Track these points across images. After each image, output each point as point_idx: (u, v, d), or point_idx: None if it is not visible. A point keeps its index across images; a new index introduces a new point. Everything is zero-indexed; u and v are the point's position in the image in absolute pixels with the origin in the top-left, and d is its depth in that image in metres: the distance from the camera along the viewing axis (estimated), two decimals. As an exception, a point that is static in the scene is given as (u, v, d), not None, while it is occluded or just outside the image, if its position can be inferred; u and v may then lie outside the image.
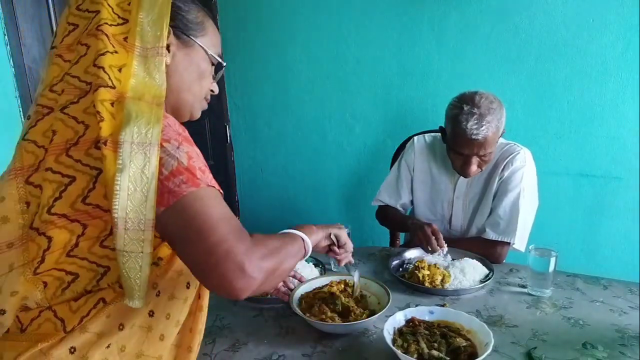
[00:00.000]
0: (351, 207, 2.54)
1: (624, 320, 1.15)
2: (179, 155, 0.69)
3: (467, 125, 1.39)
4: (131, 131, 0.66)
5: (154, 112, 0.70)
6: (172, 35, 0.80)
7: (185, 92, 0.84)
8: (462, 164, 1.49)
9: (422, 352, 0.97)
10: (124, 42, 0.74)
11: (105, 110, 0.68)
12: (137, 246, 0.66)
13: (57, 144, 0.69)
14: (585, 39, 1.85)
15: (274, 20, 2.43)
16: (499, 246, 1.50)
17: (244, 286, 0.67)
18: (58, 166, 0.69)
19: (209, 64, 0.87)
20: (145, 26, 0.74)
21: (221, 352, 1.06)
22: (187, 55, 0.83)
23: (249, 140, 2.73)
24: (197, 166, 0.70)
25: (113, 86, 0.70)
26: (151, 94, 0.73)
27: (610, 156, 1.92)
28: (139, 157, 0.66)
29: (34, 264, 0.69)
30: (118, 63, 0.72)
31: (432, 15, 2.07)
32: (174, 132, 0.72)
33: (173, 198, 0.67)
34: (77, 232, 0.68)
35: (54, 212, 0.68)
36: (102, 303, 0.72)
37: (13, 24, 1.61)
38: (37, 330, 0.71)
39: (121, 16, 0.75)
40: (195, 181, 0.68)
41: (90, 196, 0.68)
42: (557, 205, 2.02)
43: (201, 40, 0.84)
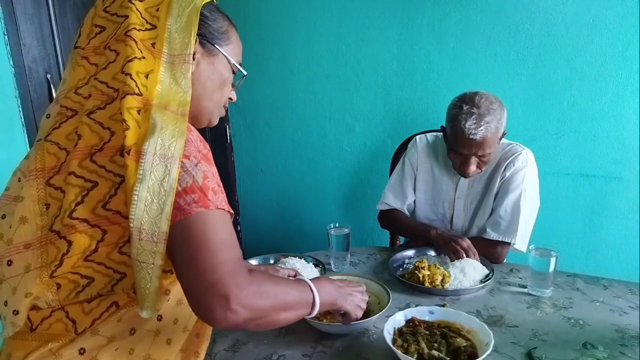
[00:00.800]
0: (351, 207, 2.54)
1: (624, 320, 1.15)
2: (195, 173, 0.70)
3: (466, 124, 1.39)
4: (155, 142, 0.67)
5: (178, 125, 0.71)
6: (198, 44, 0.80)
7: (207, 100, 0.85)
8: (461, 163, 1.50)
9: (422, 352, 0.97)
10: (151, 48, 0.75)
11: (131, 119, 0.68)
12: (149, 257, 0.66)
13: (82, 148, 0.70)
14: (585, 39, 1.84)
15: (274, 20, 2.43)
16: (500, 246, 1.50)
17: (222, 318, 0.66)
18: (82, 171, 0.69)
19: (231, 73, 0.88)
20: (173, 33, 0.76)
21: (221, 352, 1.06)
22: (211, 64, 0.83)
23: (249, 140, 2.73)
24: (210, 186, 0.71)
25: (140, 93, 0.71)
26: (176, 101, 0.74)
27: (610, 156, 1.92)
28: (159, 169, 0.66)
29: (52, 267, 0.69)
30: (145, 69, 0.73)
31: (432, 15, 2.07)
32: (195, 149, 0.72)
33: (181, 215, 0.67)
34: (97, 238, 0.69)
35: (76, 217, 0.68)
36: (114, 307, 0.72)
37: (13, 24, 1.61)
38: (48, 330, 0.71)
39: (149, 21, 0.76)
40: (206, 202, 0.69)
41: (111, 202, 0.68)
42: (557, 205, 2.02)
43: (225, 49, 0.85)
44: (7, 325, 0.72)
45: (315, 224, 2.58)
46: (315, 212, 2.63)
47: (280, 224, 2.76)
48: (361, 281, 1.25)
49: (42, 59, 1.73)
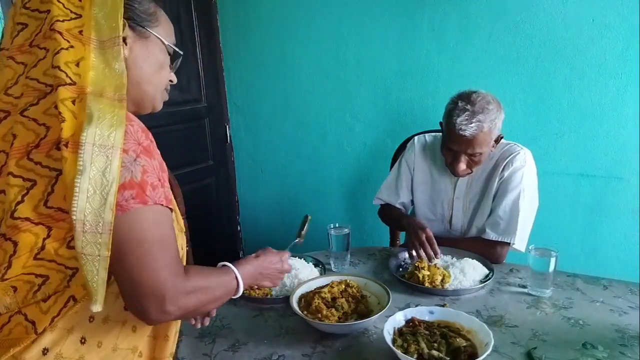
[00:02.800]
0: (351, 207, 2.54)
1: (624, 320, 1.15)
2: (134, 169, 0.69)
3: (458, 120, 1.40)
4: (93, 132, 0.65)
5: (116, 112, 0.69)
6: (128, 28, 0.79)
7: (146, 84, 0.84)
8: (452, 160, 1.50)
9: (422, 352, 0.97)
10: (79, 36, 0.73)
11: (66, 110, 0.67)
12: (94, 249, 0.65)
13: (18, 147, 0.69)
14: (585, 39, 1.84)
15: (274, 20, 2.43)
16: (499, 246, 1.50)
17: (157, 318, 0.70)
18: (19, 170, 0.68)
19: (166, 54, 0.86)
20: (99, 20, 0.73)
21: (221, 352, 1.06)
22: (145, 47, 0.82)
23: (249, 140, 2.74)
24: (149, 182, 0.70)
25: (73, 82, 0.69)
26: (112, 85, 0.72)
27: (610, 156, 1.92)
28: (100, 159, 0.65)
29: (1, 270, 0.68)
30: (75, 58, 0.71)
31: (432, 15, 2.07)
32: (134, 142, 0.71)
33: (119, 211, 0.67)
34: (42, 235, 0.68)
35: (17, 216, 0.67)
36: (72, 301, 0.71)
37: (13, 24, 1.60)
38: (8, 336, 0.70)
39: (73, 11, 0.74)
40: (144, 198, 0.69)
41: (50, 200, 0.68)
42: (557, 205, 2.02)
43: (156, 30, 0.83)
44: None
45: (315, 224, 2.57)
46: (315, 212, 2.62)
47: (280, 224, 2.76)
48: (361, 281, 1.25)
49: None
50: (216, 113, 2.69)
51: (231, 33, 2.58)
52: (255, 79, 2.58)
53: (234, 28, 2.56)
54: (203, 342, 1.10)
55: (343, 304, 1.15)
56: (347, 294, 1.20)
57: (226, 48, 2.63)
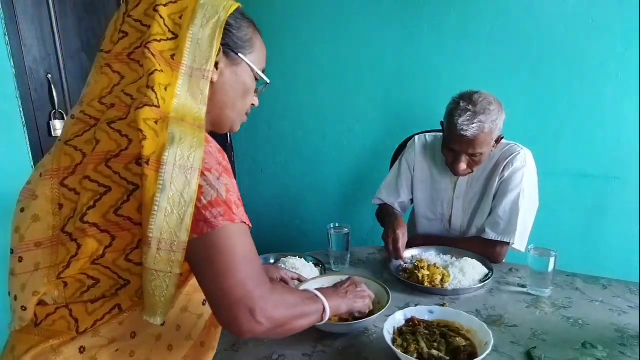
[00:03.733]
0: (351, 207, 2.54)
1: (624, 320, 1.15)
2: (219, 187, 0.70)
3: (459, 120, 1.40)
4: (174, 153, 0.67)
5: (196, 135, 0.70)
6: (222, 54, 0.80)
7: (229, 109, 0.85)
8: (452, 160, 1.50)
9: (422, 351, 0.97)
10: (170, 60, 0.74)
11: (148, 129, 0.68)
12: (167, 266, 0.67)
13: (98, 153, 0.70)
14: (585, 39, 1.84)
15: (273, 20, 2.43)
16: (499, 246, 1.50)
17: (249, 330, 0.70)
18: (96, 175, 0.69)
19: (254, 81, 0.88)
20: (194, 44, 0.75)
21: (221, 352, 1.06)
22: (234, 74, 0.83)
23: (249, 140, 2.74)
24: (233, 200, 0.72)
25: (158, 105, 0.71)
26: (192, 116, 0.74)
27: (610, 156, 1.92)
28: (179, 179, 0.67)
29: (59, 268, 0.70)
30: (164, 82, 0.73)
31: (432, 15, 2.07)
32: (215, 162, 0.72)
33: (208, 228, 0.68)
34: (105, 243, 0.69)
35: (87, 221, 0.68)
36: (117, 309, 0.72)
37: (13, 24, 1.61)
38: (51, 326, 0.72)
39: (171, 29, 0.75)
40: (232, 215, 0.70)
41: (123, 208, 0.69)
42: (556, 205, 2.02)
43: (249, 57, 0.84)
44: (15, 318, 0.74)
45: (315, 223, 2.58)
46: (315, 212, 2.63)
47: (280, 224, 2.76)
48: (361, 281, 1.26)
49: (43, 59, 1.73)
50: (216, 113, 2.69)
51: (231, 33, 2.58)
52: (255, 79, 2.58)
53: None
54: (203, 341, 1.10)
55: None
56: None
57: (226, 48, 2.63)
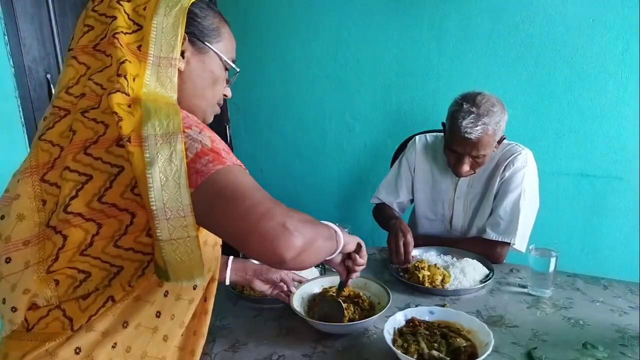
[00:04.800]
0: (351, 207, 2.54)
1: (624, 320, 1.15)
2: (202, 139, 0.70)
3: (463, 122, 1.39)
4: (153, 125, 0.67)
5: (171, 107, 0.71)
6: (187, 42, 0.80)
7: (198, 99, 0.84)
8: (455, 162, 1.50)
9: (422, 352, 0.96)
10: (137, 51, 0.74)
11: (122, 111, 0.68)
12: (182, 232, 0.66)
13: (76, 142, 0.70)
14: (585, 39, 1.84)
15: (273, 20, 2.43)
16: (499, 246, 1.50)
17: (287, 244, 0.65)
18: (76, 165, 0.69)
19: (223, 70, 0.87)
20: (159, 33, 0.74)
21: (221, 352, 1.06)
22: (201, 62, 0.82)
23: (249, 140, 2.73)
24: (221, 147, 0.71)
25: (128, 94, 0.71)
26: (163, 101, 0.74)
27: (610, 156, 1.92)
28: (164, 147, 0.66)
29: (48, 262, 0.69)
30: (133, 72, 0.73)
31: (432, 15, 2.07)
32: (194, 121, 0.73)
33: (201, 178, 0.67)
34: (91, 232, 0.69)
35: (70, 211, 0.68)
36: (111, 301, 0.72)
37: (13, 24, 1.61)
38: (45, 329, 0.71)
39: (136, 22, 0.75)
40: (222, 160, 0.69)
41: (107, 195, 0.68)
42: (557, 205, 2.02)
43: (216, 46, 0.84)
44: (5, 323, 0.73)
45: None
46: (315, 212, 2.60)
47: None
48: (360, 282, 1.25)
49: (42, 59, 1.73)
50: (216, 113, 2.68)
51: (231, 33, 2.57)
52: (255, 79, 2.58)
53: (234, 28, 2.54)
54: (203, 342, 1.10)
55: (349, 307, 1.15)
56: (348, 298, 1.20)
57: (226, 48, 2.62)
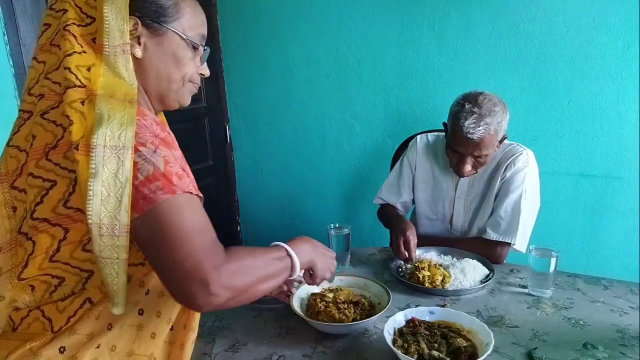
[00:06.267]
0: (351, 207, 2.54)
1: (625, 321, 1.15)
2: (155, 160, 0.67)
3: (465, 123, 1.39)
4: (104, 134, 0.64)
5: (127, 112, 0.67)
6: (141, 26, 0.75)
7: (165, 82, 0.80)
8: (457, 162, 1.49)
9: (423, 352, 0.96)
10: (92, 44, 0.71)
11: (74, 112, 0.65)
12: (112, 252, 0.64)
13: (37, 148, 0.69)
14: (586, 39, 1.84)
15: (274, 20, 2.43)
16: (500, 246, 1.50)
17: (205, 303, 0.66)
18: (39, 170, 0.68)
19: (188, 48, 0.81)
20: (111, 21, 0.70)
21: (221, 352, 1.06)
22: (159, 45, 0.78)
23: (249, 140, 2.73)
24: (174, 171, 0.68)
25: (82, 85, 0.68)
26: (122, 92, 0.70)
27: (611, 156, 1.92)
28: (112, 161, 0.64)
29: (19, 269, 0.69)
30: (86, 63, 0.70)
31: (432, 15, 2.07)
32: (150, 135, 0.69)
33: (148, 205, 0.65)
34: (58, 237, 0.68)
35: (36, 217, 0.68)
36: (88, 303, 0.71)
37: (13, 24, 1.61)
38: (27, 329, 0.72)
39: (88, 14, 0.72)
40: (172, 187, 0.67)
41: (71, 200, 0.68)
42: (557, 205, 2.02)
43: (175, 24, 0.78)
44: None
45: (315, 224, 2.58)
46: (315, 212, 2.63)
47: (280, 224, 2.75)
48: (360, 282, 1.25)
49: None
50: (216, 113, 2.69)
51: (231, 33, 2.58)
52: (255, 79, 2.58)
53: (234, 28, 2.56)
54: (203, 342, 1.10)
55: (349, 308, 1.14)
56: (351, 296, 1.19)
57: (226, 48, 2.63)
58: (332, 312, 1.10)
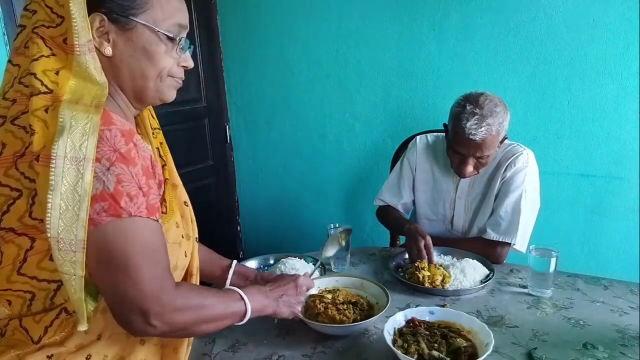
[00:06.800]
0: (351, 207, 2.54)
1: (625, 321, 1.15)
2: (106, 179, 0.64)
3: (467, 124, 1.39)
4: (64, 144, 0.61)
5: (90, 119, 0.64)
6: (108, 22, 0.71)
7: (140, 80, 0.76)
8: (459, 163, 1.49)
9: (423, 352, 0.96)
10: (63, 45, 0.68)
11: (37, 121, 0.63)
12: (69, 268, 0.63)
13: (7, 156, 0.67)
14: (586, 39, 1.84)
15: (273, 20, 2.43)
16: (500, 246, 1.50)
17: (140, 331, 0.67)
18: (7, 179, 0.67)
19: (162, 41, 0.75)
20: (78, 18, 0.66)
21: (221, 352, 1.06)
22: (129, 41, 0.73)
23: (249, 140, 2.73)
24: (125, 191, 0.65)
25: (49, 90, 0.65)
26: (91, 94, 0.67)
27: (611, 156, 1.92)
28: (71, 173, 0.61)
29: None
30: (55, 66, 0.67)
31: (432, 15, 2.07)
32: (109, 149, 0.65)
33: (91, 226, 0.64)
34: (25, 247, 0.67)
35: (3, 227, 0.67)
36: (64, 313, 0.70)
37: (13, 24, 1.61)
38: (13, 336, 0.71)
39: (59, 14, 0.68)
40: (117, 210, 0.64)
41: (34, 211, 0.66)
42: (557, 205, 2.02)
43: (144, 17, 0.72)
44: None
45: (315, 224, 2.58)
46: (315, 212, 2.63)
47: (280, 224, 2.75)
48: (357, 282, 1.25)
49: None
50: (216, 113, 2.69)
51: (231, 33, 2.58)
52: (255, 79, 2.58)
53: (234, 28, 2.56)
54: (203, 342, 1.10)
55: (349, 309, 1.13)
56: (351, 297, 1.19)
57: (226, 48, 2.63)
58: (332, 313, 1.10)
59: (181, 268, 0.85)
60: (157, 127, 0.98)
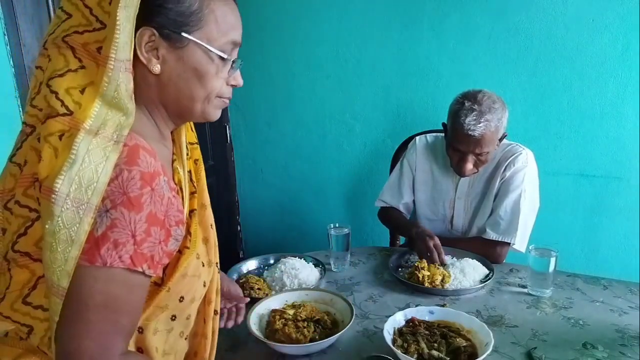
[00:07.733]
0: (351, 207, 2.54)
1: (624, 320, 1.15)
2: (100, 221, 0.58)
3: (466, 120, 1.40)
4: (70, 181, 0.56)
5: (106, 160, 0.58)
6: (158, 37, 0.65)
7: (186, 100, 0.71)
8: (458, 161, 1.50)
9: (422, 352, 0.97)
10: (96, 54, 0.62)
11: (47, 147, 0.58)
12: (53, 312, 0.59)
13: (27, 175, 0.63)
14: (585, 39, 1.84)
15: (274, 20, 2.43)
16: (499, 246, 1.50)
17: None
18: (26, 200, 0.62)
19: (214, 60, 0.70)
20: (123, 33, 0.60)
21: (221, 352, 1.06)
22: (180, 60, 0.67)
23: (249, 140, 2.73)
24: (112, 238, 0.59)
25: (69, 112, 0.59)
26: (115, 124, 0.60)
27: (610, 156, 1.92)
28: (69, 215, 0.56)
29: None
30: (81, 82, 0.61)
31: (432, 15, 2.07)
32: (119, 191, 0.59)
33: None
34: (38, 273, 0.63)
35: (17, 250, 0.63)
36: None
37: (13, 24, 1.61)
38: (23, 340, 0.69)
39: (99, 18, 0.62)
40: (94, 257, 0.58)
41: None
42: (557, 205, 2.02)
43: (198, 34, 0.67)
44: None
45: (315, 224, 2.58)
46: (315, 212, 2.63)
47: (280, 224, 2.75)
48: (327, 297, 1.19)
49: (42, 59, 1.73)
50: (216, 113, 2.68)
51: (231, 33, 2.57)
52: (255, 79, 2.58)
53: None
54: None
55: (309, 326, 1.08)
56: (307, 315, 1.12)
57: (226, 48, 2.62)
58: (289, 331, 1.05)
59: (198, 299, 0.81)
60: (195, 141, 0.92)
